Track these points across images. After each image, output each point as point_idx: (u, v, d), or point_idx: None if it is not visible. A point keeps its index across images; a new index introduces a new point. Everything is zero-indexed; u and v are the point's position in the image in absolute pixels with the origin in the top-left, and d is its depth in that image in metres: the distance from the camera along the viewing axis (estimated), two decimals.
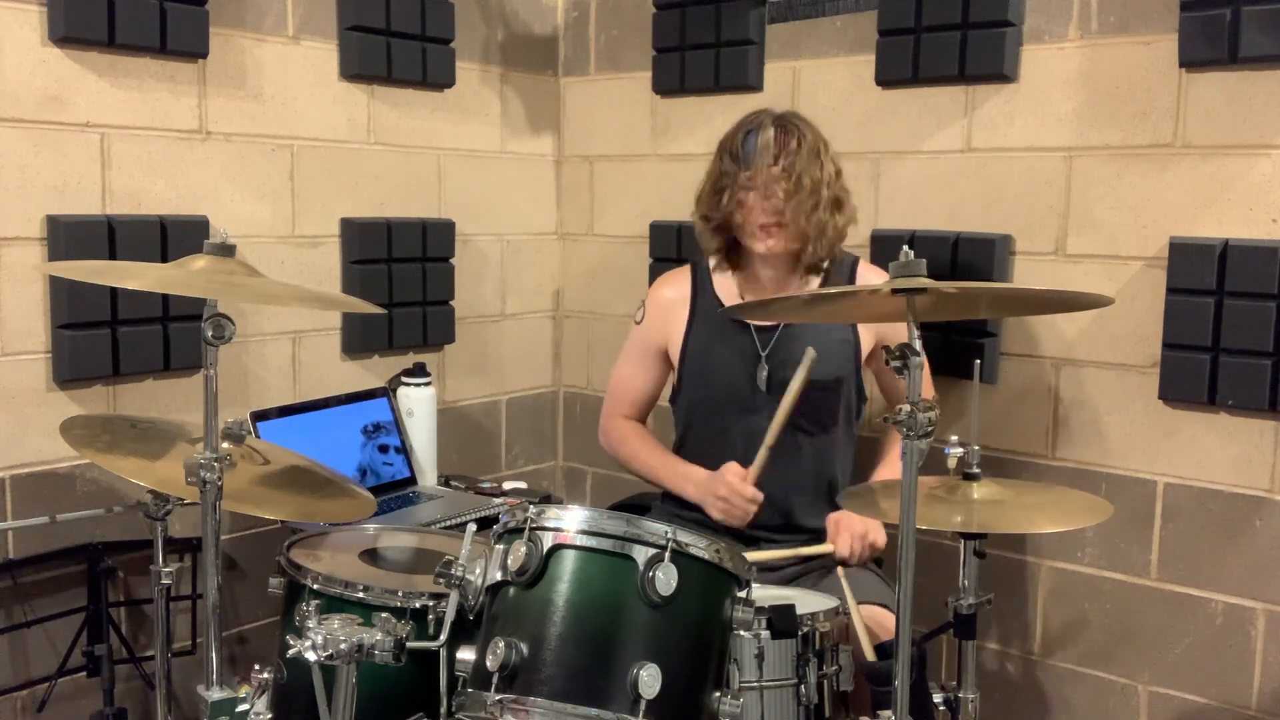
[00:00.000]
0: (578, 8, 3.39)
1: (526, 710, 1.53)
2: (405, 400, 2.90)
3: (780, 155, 2.27)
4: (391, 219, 2.97)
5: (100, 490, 2.47)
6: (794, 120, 2.32)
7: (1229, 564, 2.41)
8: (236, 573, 2.70)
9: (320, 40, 2.81)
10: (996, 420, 2.66)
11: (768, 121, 2.30)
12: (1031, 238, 2.60)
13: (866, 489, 2.22)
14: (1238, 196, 2.34)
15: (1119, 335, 2.50)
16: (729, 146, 2.34)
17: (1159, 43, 2.40)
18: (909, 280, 1.62)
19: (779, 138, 2.28)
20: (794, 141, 2.28)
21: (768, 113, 2.34)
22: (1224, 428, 2.39)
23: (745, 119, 2.36)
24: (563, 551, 1.62)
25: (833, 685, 1.92)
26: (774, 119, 2.31)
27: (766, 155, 2.27)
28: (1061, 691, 2.67)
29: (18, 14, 2.30)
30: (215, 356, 1.82)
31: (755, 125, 2.31)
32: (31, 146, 2.34)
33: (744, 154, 2.29)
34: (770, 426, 2.22)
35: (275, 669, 1.81)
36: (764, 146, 2.27)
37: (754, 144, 2.28)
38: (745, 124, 2.34)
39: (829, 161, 2.31)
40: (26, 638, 2.39)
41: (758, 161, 2.27)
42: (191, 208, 2.58)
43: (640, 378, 2.57)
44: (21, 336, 2.36)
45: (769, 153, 2.27)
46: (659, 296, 2.54)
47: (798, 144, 2.28)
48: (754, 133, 2.30)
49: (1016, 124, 2.60)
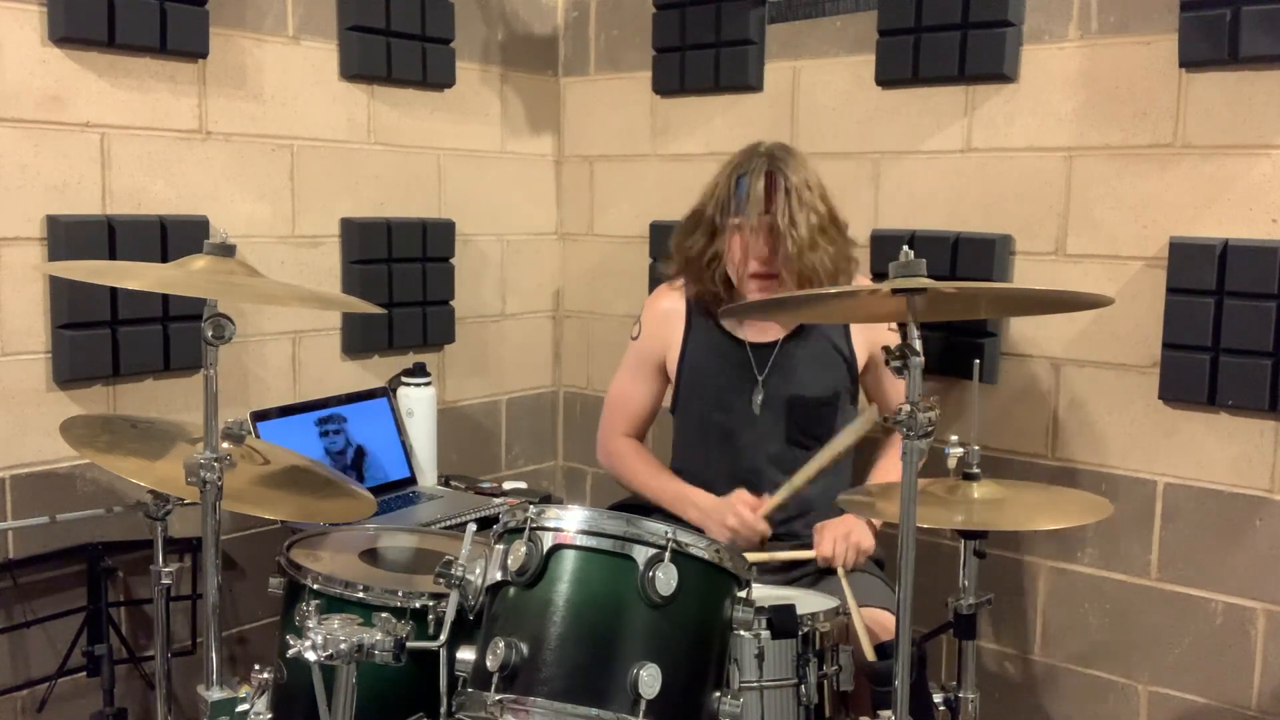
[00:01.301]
0: (578, 8, 3.39)
1: (526, 710, 1.53)
2: (405, 400, 2.90)
3: (770, 206, 2.26)
4: (391, 219, 2.97)
5: (100, 490, 2.47)
6: (782, 168, 2.29)
7: (1229, 564, 2.41)
8: (236, 573, 2.70)
9: (320, 40, 2.81)
10: (996, 420, 2.66)
11: (760, 169, 2.29)
12: (1031, 238, 2.60)
13: (863, 491, 2.22)
14: (1238, 196, 2.34)
15: (1119, 335, 2.50)
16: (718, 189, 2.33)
17: (1159, 43, 2.40)
18: (909, 280, 1.62)
19: (769, 189, 2.27)
20: (782, 192, 2.27)
21: (759, 157, 2.32)
22: (1224, 428, 2.39)
23: (737, 161, 2.35)
24: (563, 551, 1.62)
25: (833, 685, 1.92)
26: (765, 166, 2.29)
27: (757, 205, 2.27)
28: (1061, 691, 2.67)
29: (18, 14, 2.30)
30: (215, 356, 1.82)
31: (746, 170, 2.30)
32: (31, 146, 2.34)
33: (735, 199, 2.30)
34: (802, 470, 2.21)
35: (275, 669, 1.81)
36: (754, 199, 2.27)
37: (744, 192, 2.28)
38: (737, 167, 2.33)
39: (819, 201, 2.30)
40: (26, 638, 2.39)
41: (748, 210, 2.27)
42: (191, 208, 2.58)
43: (638, 392, 2.57)
44: (21, 336, 2.36)
45: (759, 204, 2.27)
46: (655, 310, 2.54)
47: (786, 193, 2.27)
48: (745, 178, 2.29)
49: (1016, 124, 2.60)
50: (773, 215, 2.26)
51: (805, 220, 2.26)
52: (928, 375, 1.64)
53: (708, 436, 2.44)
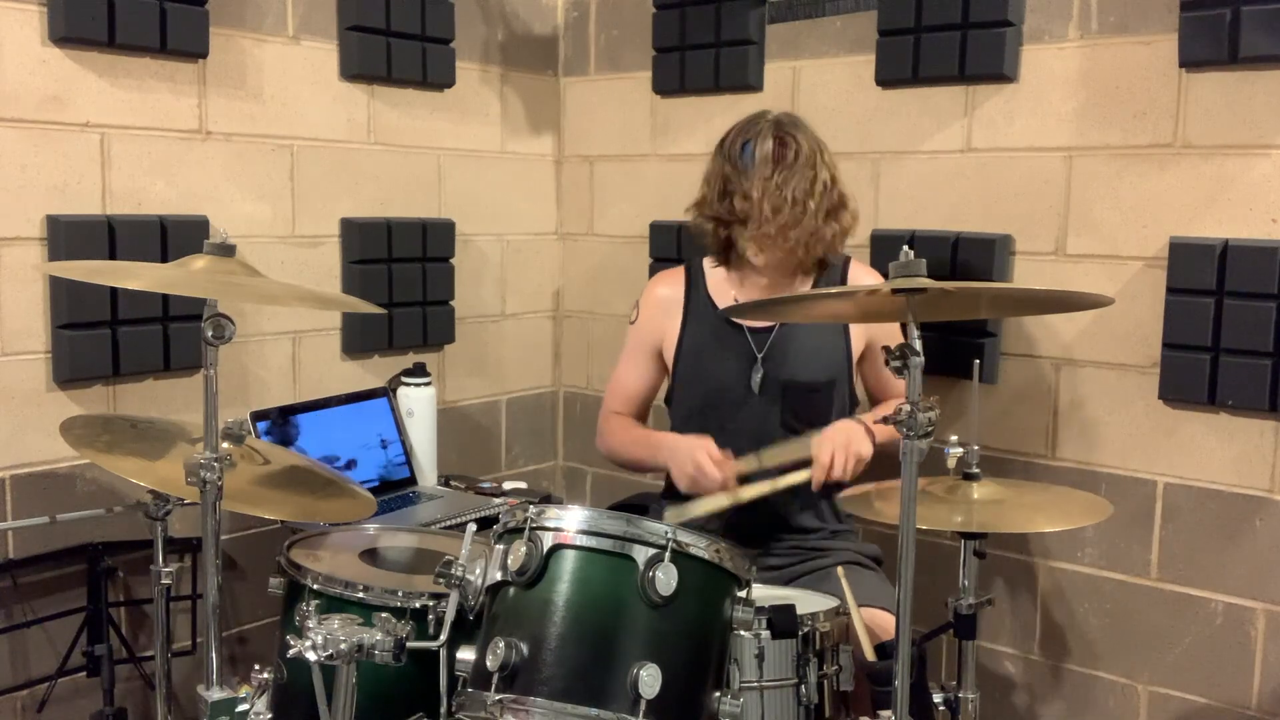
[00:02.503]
0: (578, 8, 3.39)
1: (526, 710, 1.54)
2: (405, 400, 2.90)
3: (776, 168, 2.26)
4: (391, 219, 2.97)
5: (100, 490, 2.47)
6: (790, 131, 2.30)
7: (1229, 564, 2.41)
8: (236, 573, 2.70)
9: (320, 40, 2.81)
10: (996, 420, 2.66)
11: (766, 131, 2.29)
12: (1031, 238, 2.60)
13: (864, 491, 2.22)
14: (1238, 196, 2.34)
15: (1119, 335, 2.50)
16: (728, 151, 2.34)
17: (1159, 43, 2.40)
18: (909, 280, 1.62)
19: (776, 150, 2.27)
20: (790, 154, 2.27)
21: (766, 120, 2.33)
22: (1224, 428, 2.39)
23: (745, 124, 2.35)
24: (563, 551, 1.62)
25: (833, 685, 1.92)
26: (772, 128, 2.30)
27: (764, 168, 2.27)
28: (1061, 691, 2.67)
29: (18, 14, 2.30)
30: (215, 356, 1.82)
31: (754, 134, 2.30)
32: (31, 146, 2.34)
33: (741, 161, 2.30)
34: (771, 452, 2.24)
35: (275, 669, 1.81)
36: (762, 160, 2.27)
37: (751, 153, 2.28)
38: (744, 130, 2.33)
39: (824, 168, 2.30)
40: (26, 638, 2.39)
41: (755, 173, 2.27)
42: (191, 208, 2.58)
43: (635, 376, 2.57)
44: (21, 336, 2.36)
45: (766, 166, 2.27)
46: (652, 295, 2.54)
47: (794, 156, 2.27)
48: (752, 142, 2.29)
49: (1016, 124, 2.60)
50: (779, 178, 2.25)
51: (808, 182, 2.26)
52: (928, 375, 1.64)
53: (705, 421, 2.43)
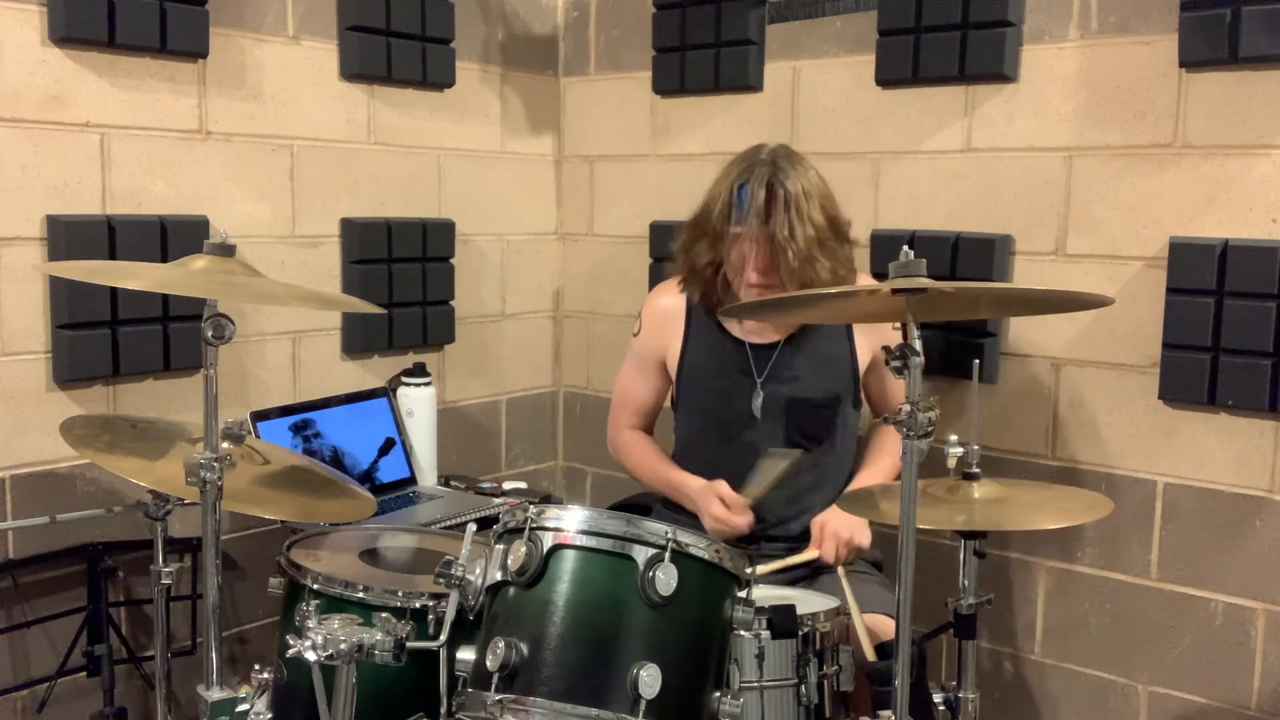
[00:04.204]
0: (578, 8, 3.39)
1: (526, 710, 1.54)
2: (405, 400, 2.90)
3: (770, 217, 2.24)
4: (391, 219, 2.97)
5: (100, 490, 2.47)
6: (782, 177, 2.26)
7: (1229, 564, 2.41)
8: (236, 573, 2.70)
9: (320, 40, 2.81)
10: (996, 420, 2.66)
11: (761, 178, 2.26)
12: (1031, 238, 2.60)
13: (865, 492, 2.22)
14: (1238, 196, 2.34)
15: (1119, 335, 2.50)
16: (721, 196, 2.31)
17: (1159, 43, 2.40)
18: (909, 280, 1.62)
19: (769, 199, 2.24)
20: (781, 203, 2.24)
21: (762, 165, 2.29)
22: (1224, 428, 2.39)
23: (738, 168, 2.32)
24: (563, 551, 1.62)
25: (833, 685, 1.92)
26: (767, 175, 2.26)
27: (758, 217, 2.24)
28: (1061, 691, 2.67)
29: (18, 14, 2.30)
30: (215, 356, 1.82)
31: (746, 179, 2.28)
32: (31, 146, 2.34)
33: (737, 208, 2.27)
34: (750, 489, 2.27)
35: (275, 669, 1.81)
36: (755, 210, 2.24)
37: (745, 200, 2.26)
38: (738, 174, 2.30)
39: (817, 212, 2.27)
40: (26, 638, 2.39)
41: (748, 220, 2.25)
42: (191, 208, 2.58)
43: (640, 387, 2.57)
44: (21, 336, 2.36)
45: (759, 215, 2.24)
46: (654, 307, 2.53)
47: (785, 204, 2.24)
48: (745, 186, 2.27)
49: (1016, 124, 2.60)
50: (772, 226, 2.23)
51: (804, 232, 2.23)
52: (928, 375, 1.64)
53: (708, 435, 2.44)
